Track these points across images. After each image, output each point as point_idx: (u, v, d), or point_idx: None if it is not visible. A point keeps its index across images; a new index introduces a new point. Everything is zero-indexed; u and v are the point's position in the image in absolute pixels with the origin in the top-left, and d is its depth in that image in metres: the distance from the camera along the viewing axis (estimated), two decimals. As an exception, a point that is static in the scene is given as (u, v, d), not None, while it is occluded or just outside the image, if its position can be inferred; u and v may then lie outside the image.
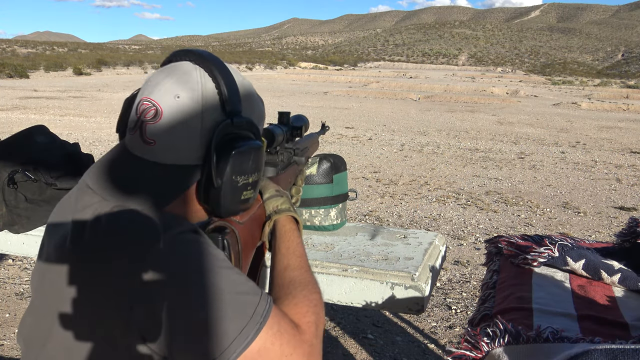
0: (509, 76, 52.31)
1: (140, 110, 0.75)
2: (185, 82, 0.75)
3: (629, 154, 8.69)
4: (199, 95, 0.74)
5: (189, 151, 0.75)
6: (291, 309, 0.73)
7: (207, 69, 0.76)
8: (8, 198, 1.43)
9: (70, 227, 0.73)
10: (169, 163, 0.75)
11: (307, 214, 1.44)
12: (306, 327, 0.72)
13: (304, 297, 0.76)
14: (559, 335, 0.83)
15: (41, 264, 0.77)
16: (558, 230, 4.52)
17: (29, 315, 0.78)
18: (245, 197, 0.80)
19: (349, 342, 2.61)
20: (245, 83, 0.82)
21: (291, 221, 0.93)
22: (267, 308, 0.68)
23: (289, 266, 0.83)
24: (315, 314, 0.75)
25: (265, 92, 20.69)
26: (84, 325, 0.70)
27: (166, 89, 0.74)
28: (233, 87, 0.77)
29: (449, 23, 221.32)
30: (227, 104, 0.76)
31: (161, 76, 0.77)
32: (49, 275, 0.74)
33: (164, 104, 0.74)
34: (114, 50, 79.97)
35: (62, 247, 0.73)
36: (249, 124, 0.78)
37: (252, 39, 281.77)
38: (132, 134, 0.76)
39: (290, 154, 1.21)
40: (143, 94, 0.77)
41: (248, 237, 0.88)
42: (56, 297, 0.72)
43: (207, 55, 0.78)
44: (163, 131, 0.74)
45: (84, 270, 0.69)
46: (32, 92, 18.23)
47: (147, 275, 0.66)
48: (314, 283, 0.82)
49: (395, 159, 7.60)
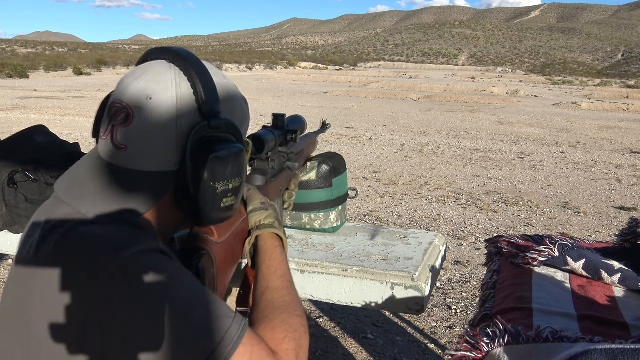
0: (509, 76, 52.30)
1: (111, 113, 0.70)
2: (158, 82, 0.69)
3: (629, 154, 8.69)
4: (173, 96, 0.69)
5: (164, 156, 0.69)
6: (267, 334, 0.67)
7: (183, 68, 0.71)
8: (8, 198, 1.43)
9: (36, 239, 0.68)
10: (142, 169, 0.70)
11: (306, 217, 1.43)
12: (284, 354, 0.65)
13: (282, 322, 0.70)
14: (559, 335, 0.83)
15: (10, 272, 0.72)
16: (558, 230, 4.51)
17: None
18: (225, 204, 0.73)
19: (349, 342, 2.61)
20: (225, 83, 0.76)
21: (274, 238, 0.88)
22: (239, 333, 0.62)
23: (269, 287, 0.77)
24: (295, 340, 0.68)
25: (265, 92, 20.69)
26: (37, 338, 0.64)
27: (138, 90, 0.69)
28: (211, 87, 0.71)
29: (448, 23, 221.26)
30: (204, 105, 0.70)
31: (134, 76, 0.71)
32: (9, 284, 0.70)
33: (136, 106, 0.68)
34: (114, 50, 79.98)
35: (25, 257, 0.68)
36: (229, 125, 0.72)
37: (252, 39, 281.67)
38: (104, 138, 0.71)
39: (284, 158, 1.17)
40: (115, 95, 0.72)
41: (227, 255, 0.83)
42: (16, 309, 0.67)
43: (184, 54, 0.72)
44: (135, 135, 0.68)
45: (38, 282, 0.65)
46: (32, 92, 18.22)
47: (100, 298, 0.60)
48: (295, 306, 0.75)
49: (395, 159, 7.60)
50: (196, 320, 0.61)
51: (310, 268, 1.23)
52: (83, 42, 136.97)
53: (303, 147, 1.33)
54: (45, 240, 0.67)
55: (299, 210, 1.42)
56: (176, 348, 0.59)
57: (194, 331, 0.60)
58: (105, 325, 0.60)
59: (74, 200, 0.69)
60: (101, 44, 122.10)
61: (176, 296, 0.62)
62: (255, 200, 0.93)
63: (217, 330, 0.61)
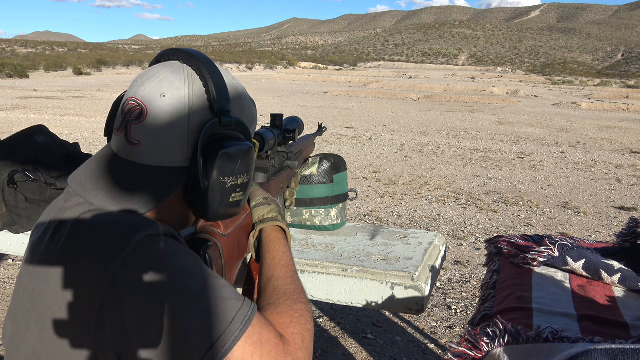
0: (509, 76, 52.30)
1: (125, 110, 0.73)
2: (172, 81, 0.72)
3: (629, 154, 8.69)
4: (185, 94, 0.72)
5: (175, 152, 0.72)
6: (274, 319, 0.70)
7: (196, 68, 0.74)
8: (8, 198, 1.43)
9: (50, 229, 0.71)
10: (155, 165, 0.72)
11: (307, 213, 1.44)
12: (290, 338, 0.68)
13: (288, 307, 0.72)
14: (559, 335, 0.83)
15: (22, 265, 0.74)
16: (558, 230, 4.52)
17: (8, 318, 0.74)
18: (234, 199, 0.76)
19: (349, 342, 2.61)
20: (235, 83, 0.79)
21: (277, 230, 0.90)
22: (249, 315, 0.64)
23: (274, 276, 0.80)
24: (300, 324, 0.70)
25: (265, 92, 20.69)
26: (54, 328, 0.66)
27: (152, 88, 0.72)
28: (222, 86, 0.74)
29: (448, 23, 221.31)
30: (215, 103, 0.73)
31: (148, 75, 0.74)
32: (24, 275, 0.72)
33: (150, 103, 0.71)
34: (114, 50, 80.00)
35: (38, 249, 0.70)
36: (238, 124, 0.75)
37: (252, 39, 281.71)
38: (117, 134, 0.74)
39: (283, 157, 1.18)
40: (129, 93, 0.74)
41: (234, 248, 0.85)
42: (29, 298, 0.69)
43: (196, 54, 0.76)
44: (148, 132, 0.71)
45: (54, 272, 0.66)
46: (32, 92, 18.22)
47: (115, 280, 0.62)
48: (299, 292, 0.77)
49: (395, 159, 7.60)
50: (208, 301, 0.62)
51: (310, 268, 1.23)
52: (83, 42, 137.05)
53: (301, 148, 1.34)
54: (59, 228, 0.69)
55: (299, 205, 1.43)
56: (189, 328, 0.60)
57: (206, 312, 0.62)
58: (120, 306, 0.62)
59: (86, 192, 0.72)
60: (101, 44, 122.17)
61: (189, 278, 0.64)
62: (258, 195, 0.96)
63: (228, 311, 0.63)
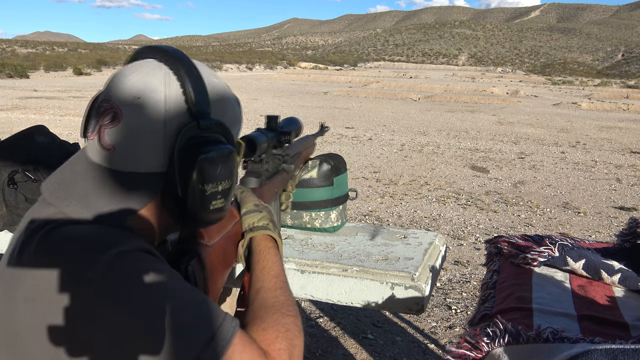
0: (509, 76, 52.30)
1: (99, 113, 0.69)
2: (147, 82, 0.68)
3: (629, 154, 8.69)
4: (161, 96, 0.67)
5: (152, 158, 0.68)
6: (259, 335, 0.66)
7: (173, 68, 0.69)
8: (8, 198, 1.43)
9: (20, 239, 0.67)
10: (130, 171, 0.68)
11: (307, 216, 1.43)
12: (276, 354, 0.64)
13: (274, 322, 0.69)
14: (559, 335, 0.83)
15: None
16: (558, 230, 4.52)
17: None
18: (215, 207, 0.71)
19: (349, 342, 2.61)
20: (216, 83, 0.75)
21: (268, 239, 0.86)
22: (230, 332, 0.61)
23: (262, 288, 0.76)
24: (287, 339, 0.67)
25: (265, 92, 20.69)
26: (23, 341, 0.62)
27: (126, 90, 0.67)
28: (200, 87, 0.69)
29: (448, 23, 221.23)
30: (193, 105, 0.68)
31: (122, 75, 0.70)
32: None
33: (124, 105, 0.67)
34: (114, 50, 79.93)
35: (10, 259, 0.66)
36: (219, 126, 0.70)
37: (252, 39, 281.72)
38: (91, 139, 0.70)
39: (279, 161, 1.15)
40: (103, 95, 0.70)
41: (219, 259, 0.81)
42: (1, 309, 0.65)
43: (174, 53, 0.71)
44: (122, 136, 0.67)
45: (21, 283, 0.63)
46: (32, 92, 18.22)
47: (82, 295, 0.59)
48: (288, 305, 0.73)
49: (395, 159, 7.60)
50: (183, 319, 0.59)
51: (310, 268, 1.23)
52: (83, 42, 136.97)
53: (299, 150, 1.31)
54: (28, 241, 0.65)
55: (299, 208, 1.42)
56: (164, 347, 0.57)
57: (181, 330, 0.59)
58: (90, 326, 0.59)
59: (59, 201, 0.68)
60: (101, 44, 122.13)
61: (163, 295, 0.61)
62: (249, 202, 0.91)
63: (206, 330, 0.60)
